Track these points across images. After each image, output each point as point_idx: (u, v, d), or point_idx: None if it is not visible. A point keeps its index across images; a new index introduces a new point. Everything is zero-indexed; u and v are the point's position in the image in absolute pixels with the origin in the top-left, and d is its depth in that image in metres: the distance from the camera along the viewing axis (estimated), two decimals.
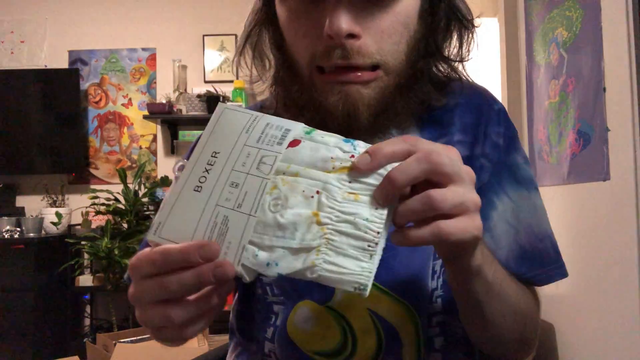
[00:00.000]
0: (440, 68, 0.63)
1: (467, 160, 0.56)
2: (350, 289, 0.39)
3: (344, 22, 0.50)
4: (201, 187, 0.43)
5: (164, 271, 0.40)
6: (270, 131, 0.43)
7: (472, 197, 0.41)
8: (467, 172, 0.41)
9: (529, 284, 0.64)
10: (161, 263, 0.40)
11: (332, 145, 0.42)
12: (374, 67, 0.54)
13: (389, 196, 0.40)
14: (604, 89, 1.98)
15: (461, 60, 0.63)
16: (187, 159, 0.45)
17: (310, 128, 0.44)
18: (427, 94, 0.60)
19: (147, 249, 0.42)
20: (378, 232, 0.40)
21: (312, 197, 0.40)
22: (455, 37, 0.61)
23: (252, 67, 0.65)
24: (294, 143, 0.42)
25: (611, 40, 1.94)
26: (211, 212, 0.41)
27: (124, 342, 2.38)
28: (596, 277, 2.10)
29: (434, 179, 0.40)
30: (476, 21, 0.62)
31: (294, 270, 0.40)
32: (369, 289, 0.39)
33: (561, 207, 2.42)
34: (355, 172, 0.40)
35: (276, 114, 0.49)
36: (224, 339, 2.40)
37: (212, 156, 0.43)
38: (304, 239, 0.40)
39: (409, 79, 0.58)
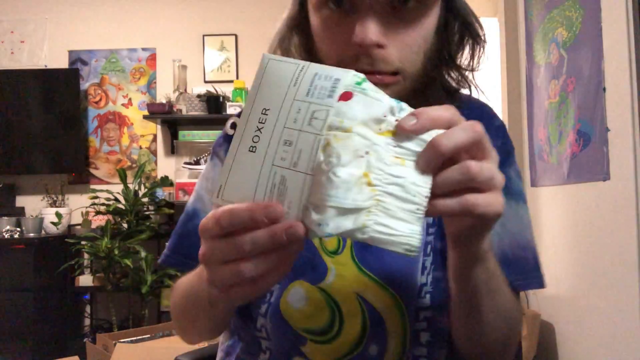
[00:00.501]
0: (452, 76, 0.68)
1: None
2: (401, 250, 0.39)
3: (373, 33, 0.55)
4: (255, 147, 0.42)
5: (230, 231, 0.41)
6: (319, 82, 0.42)
7: (500, 175, 0.43)
8: (495, 152, 0.43)
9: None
10: (228, 223, 0.41)
11: (384, 103, 0.41)
12: (394, 73, 0.59)
13: (432, 162, 0.40)
14: (604, 89, 1.98)
15: (472, 70, 0.68)
16: (239, 116, 0.44)
17: (362, 77, 0.43)
18: (440, 99, 0.65)
19: (215, 209, 0.43)
20: (426, 197, 0.40)
21: (362, 156, 0.39)
22: (467, 49, 0.67)
23: None
24: (346, 96, 0.41)
25: (611, 40, 1.94)
26: (268, 173, 0.41)
27: (124, 342, 2.38)
28: (596, 277, 2.10)
29: (474, 150, 0.41)
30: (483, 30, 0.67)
31: (343, 230, 0.39)
32: (417, 251, 0.40)
33: (561, 207, 2.42)
34: (400, 135, 0.41)
35: None
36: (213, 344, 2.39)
37: (262, 113, 0.42)
38: (356, 199, 0.39)
39: (423, 84, 0.63)
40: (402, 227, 0.39)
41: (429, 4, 0.58)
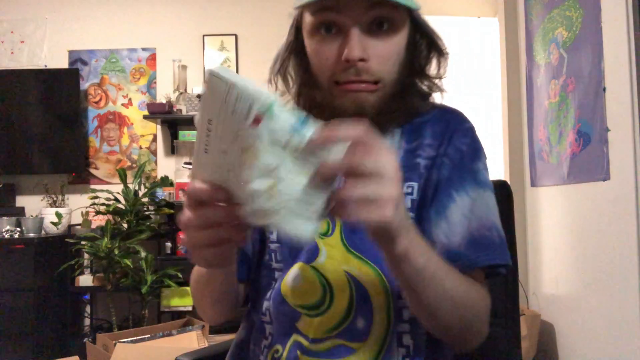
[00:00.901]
0: (425, 83, 0.83)
1: (433, 158, 0.77)
2: (297, 239, 0.51)
3: (357, 50, 0.70)
4: (207, 149, 0.53)
5: (194, 204, 0.55)
6: (239, 104, 0.48)
7: (382, 192, 0.50)
8: (390, 171, 0.51)
9: (473, 270, 0.73)
10: (193, 196, 0.55)
11: (290, 123, 0.48)
12: (376, 82, 0.74)
13: (325, 179, 0.50)
14: (604, 89, 1.98)
15: (439, 78, 0.83)
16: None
17: (272, 99, 0.48)
18: (415, 103, 0.80)
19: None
20: (324, 202, 0.51)
21: (272, 170, 0.49)
22: (434, 61, 0.82)
23: (279, 82, 0.84)
24: (257, 120, 0.48)
25: (611, 40, 1.94)
26: (219, 172, 0.53)
27: (124, 342, 2.38)
28: (596, 277, 2.10)
29: (354, 173, 0.50)
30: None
31: (261, 224, 0.50)
32: (309, 241, 0.53)
33: (561, 207, 2.42)
34: (304, 151, 0.49)
35: None
36: (224, 338, 2.40)
37: (208, 123, 0.51)
38: (265, 205, 0.49)
39: (400, 90, 0.77)
40: (301, 225, 0.50)
41: (399, 26, 0.73)
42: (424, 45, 0.80)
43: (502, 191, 0.95)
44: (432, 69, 0.82)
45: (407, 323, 0.74)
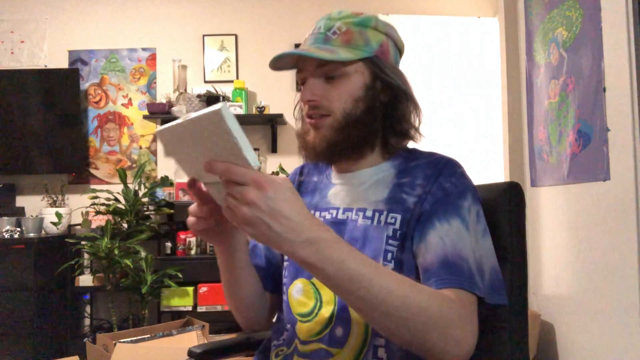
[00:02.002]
0: (396, 128, 0.95)
1: (420, 196, 0.88)
2: None
3: (306, 95, 0.91)
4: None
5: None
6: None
7: (243, 212, 0.63)
8: (241, 190, 0.63)
9: (445, 288, 0.78)
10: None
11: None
12: (325, 115, 0.91)
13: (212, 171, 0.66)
14: (604, 89, 1.98)
15: (412, 127, 0.96)
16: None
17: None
18: (385, 136, 0.95)
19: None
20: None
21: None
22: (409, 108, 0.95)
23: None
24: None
25: (611, 40, 1.94)
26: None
27: (124, 342, 2.38)
28: (596, 277, 2.10)
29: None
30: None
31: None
32: None
33: (561, 207, 2.42)
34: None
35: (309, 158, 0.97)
36: (223, 338, 2.39)
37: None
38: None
39: (355, 123, 0.91)
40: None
41: (350, 73, 0.90)
42: (387, 91, 0.93)
43: (512, 192, 0.95)
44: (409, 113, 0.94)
45: (383, 338, 0.83)
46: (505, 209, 0.94)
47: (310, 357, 0.87)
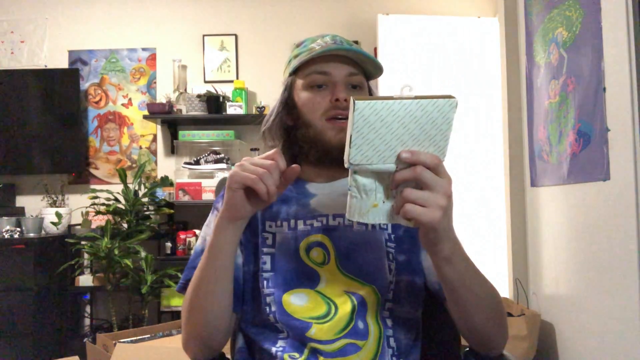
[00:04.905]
0: None
1: None
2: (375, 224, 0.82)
3: (344, 94, 0.96)
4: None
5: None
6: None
7: (434, 199, 0.67)
8: (442, 183, 0.68)
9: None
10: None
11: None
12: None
13: (395, 185, 0.70)
14: (604, 89, 1.98)
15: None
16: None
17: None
18: None
19: None
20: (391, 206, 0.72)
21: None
22: None
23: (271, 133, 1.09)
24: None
25: (611, 40, 1.94)
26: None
27: (124, 342, 2.38)
28: (596, 277, 2.10)
29: (417, 183, 0.69)
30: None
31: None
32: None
33: (561, 207, 2.42)
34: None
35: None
36: None
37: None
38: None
39: None
40: (376, 217, 0.72)
41: (364, 87, 1.02)
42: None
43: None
44: None
45: (390, 329, 0.92)
46: None
47: (339, 355, 0.88)
